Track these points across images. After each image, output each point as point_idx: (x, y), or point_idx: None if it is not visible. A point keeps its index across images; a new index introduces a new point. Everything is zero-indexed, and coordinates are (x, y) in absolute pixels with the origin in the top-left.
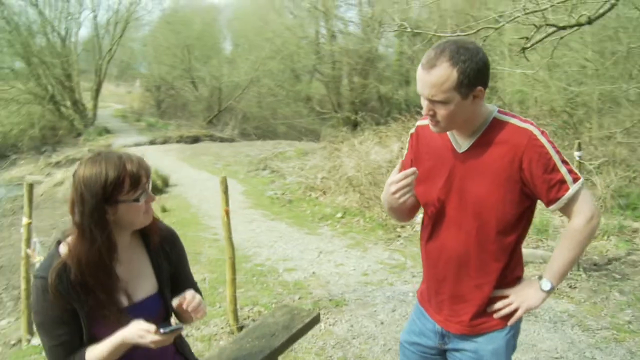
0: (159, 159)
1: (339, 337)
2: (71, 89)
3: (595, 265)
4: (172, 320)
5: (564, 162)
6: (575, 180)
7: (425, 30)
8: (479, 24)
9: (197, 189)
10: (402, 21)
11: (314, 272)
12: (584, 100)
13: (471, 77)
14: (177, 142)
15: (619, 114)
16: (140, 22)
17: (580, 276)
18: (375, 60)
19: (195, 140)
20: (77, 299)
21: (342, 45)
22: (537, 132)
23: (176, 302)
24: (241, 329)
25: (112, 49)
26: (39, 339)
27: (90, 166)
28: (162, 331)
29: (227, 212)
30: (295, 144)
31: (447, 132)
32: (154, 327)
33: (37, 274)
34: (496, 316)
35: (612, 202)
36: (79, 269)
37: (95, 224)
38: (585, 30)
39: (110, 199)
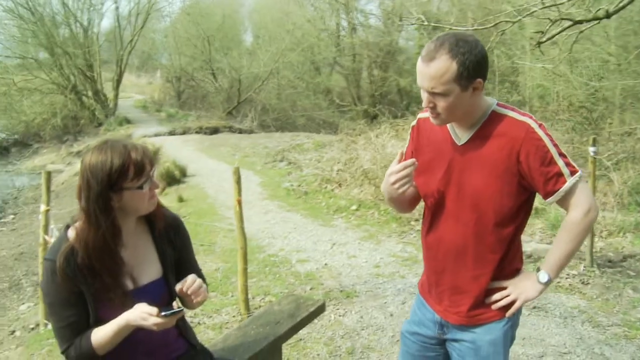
0: (178, 149)
1: (348, 328)
2: (93, 80)
3: (609, 261)
4: (175, 304)
5: (561, 155)
6: (572, 173)
7: (443, 23)
8: (496, 17)
9: (214, 180)
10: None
11: (326, 264)
12: (605, 95)
13: (470, 70)
14: (197, 132)
15: None
16: (161, 13)
17: (593, 272)
18: (395, 53)
19: (214, 131)
20: (84, 281)
21: (363, 38)
22: (534, 125)
23: (179, 286)
24: None
25: (133, 40)
26: None
27: (96, 154)
28: (163, 313)
29: (240, 202)
30: (313, 136)
31: (447, 125)
32: (156, 310)
33: (47, 256)
34: (494, 307)
35: (630, 199)
36: (86, 253)
37: (100, 210)
38: (608, 24)
39: (115, 186)
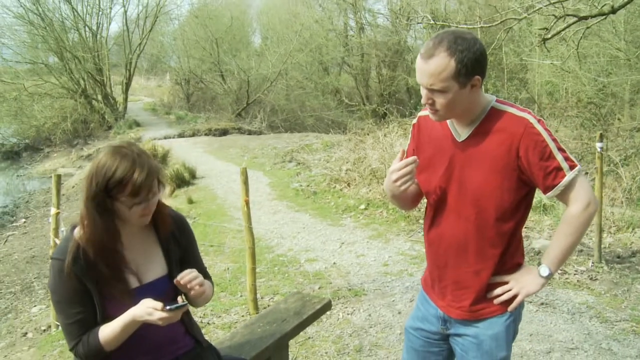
0: (187, 151)
1: (356, 326)
2: (102, 83)
3: (618, 257)
4: (179, 298)
5: (560, 149)
6: (571, 167)
7: (449, 22)
8: (503, 15)
9: (223, 181)
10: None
11: (334, 263)
12: (614, 91)
13: (469, 67)
14: (206, 134)
15: None
16: (169, 16)
17: (601, 268)
18: (403, 52)
19: (223, 132)
20: (90, 279)
21: (371, 37)
22: (533, 120)
23: (176, 279)
24: None
25: (142, 43)
26: None
27: (107, 156)
28: (168, 308)
29: (247, 202)
30: (322, 136)
31: (447, 122)
32: (160, 305)
33: (54, 255)
34: (496, 302)
35: (638, 194)
36: (87, 251)
37: (95, 209)
38: (616, 19)
39: (110, 192)
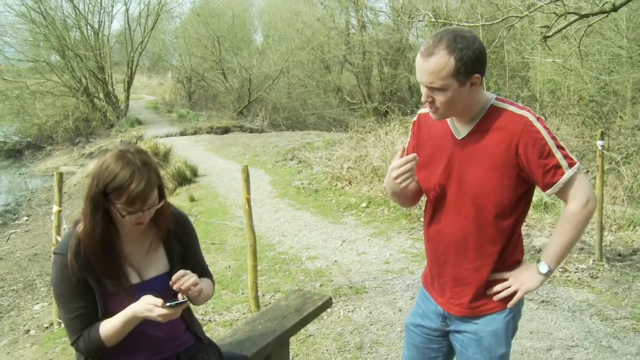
0: (189, 149)
1: (357, 324)
2: (104, 81)
3: (619, 255)
4: (180, 295)
5: (559, 147)
6: (570, 165)
7: (451, 20)
8: (504, 13)
9: (225, 179)
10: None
11: (336, 261)
12: (615, 89)
13: (468, 65)
14: (208, 132)
15: None
16: (171, 14)
17: (602, 266)
18: (405, 50)
19: (225, 131)
20: (91, 274)
21: (373, 35)
22: (533, 118)
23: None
24: None
25: (143, 41)
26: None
27: (112, 159)
28: (168, 304)
29: (248, 200)
30: (323, 134)
31: (447, 120)
32: (161, 301)
33: (56, 250)
34: (495, 298)
35: None
36: (87, 247)
37: (94, 207)
38: (619, 17)
39: (107, 196)
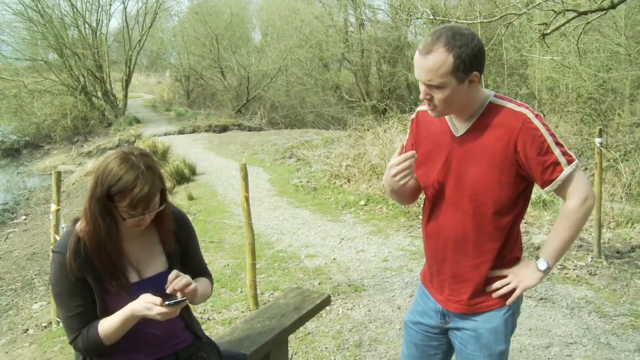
0: (187, 147)
1: (355, 322)
2: (102, 80)
3: (617, 252)
4: (178, 294)
5: (558, 144)
6: (569, 162)
7: (449, 17)
8: (503, 10)
9: (223, 177)
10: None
11: (334, 259)
12: (614, 86)
13: (467, 62)
14: (206, 131)
15: None
16: (169, 12)
17: (601, 263)
18: (404, 48)
19: (223, 129)
20: (90, 272)
21: (371, 33)
22: (531, 115)
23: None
24: None
25: (141, 39)
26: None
27: (116, 161)
28: (166, 303)
29: (247, 198)
30: (322, 132)
31: (446, 117)
32: (159, 300)
33: (55, 249)
34: (494, 295)
35: (638, 190)
36: (87, 246)
37: (96, 207)
38: (617, 14)
39: (111, 198)
